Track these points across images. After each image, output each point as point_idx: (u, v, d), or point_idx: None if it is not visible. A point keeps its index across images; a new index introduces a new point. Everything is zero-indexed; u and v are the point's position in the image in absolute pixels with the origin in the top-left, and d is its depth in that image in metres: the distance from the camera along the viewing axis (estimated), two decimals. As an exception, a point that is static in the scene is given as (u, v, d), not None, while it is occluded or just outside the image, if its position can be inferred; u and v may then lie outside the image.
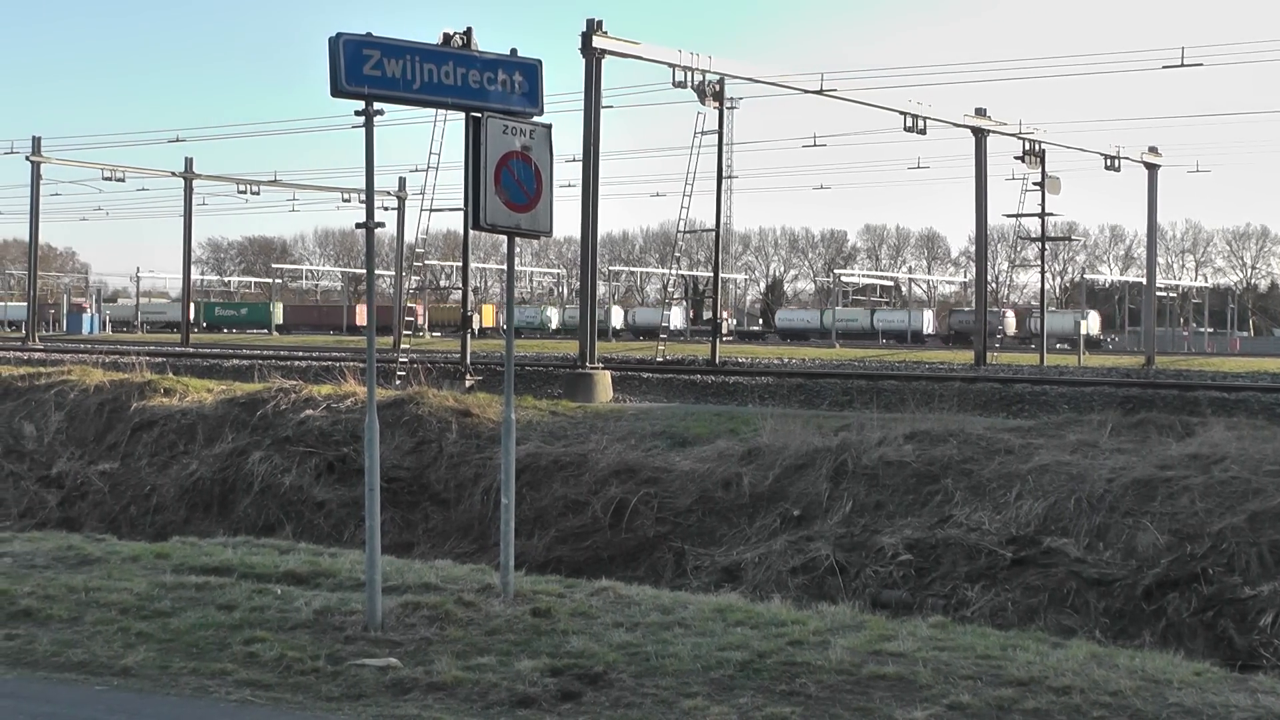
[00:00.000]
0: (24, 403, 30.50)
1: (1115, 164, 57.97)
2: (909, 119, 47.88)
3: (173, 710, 8.82)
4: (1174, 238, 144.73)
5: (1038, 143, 55.03)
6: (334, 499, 24.15)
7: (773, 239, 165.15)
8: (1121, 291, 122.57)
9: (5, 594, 11.89)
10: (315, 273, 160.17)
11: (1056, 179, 57.12)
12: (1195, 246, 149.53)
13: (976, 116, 51.40)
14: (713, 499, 20.74)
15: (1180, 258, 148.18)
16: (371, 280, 11.49)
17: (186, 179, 78.14)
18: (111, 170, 74.87)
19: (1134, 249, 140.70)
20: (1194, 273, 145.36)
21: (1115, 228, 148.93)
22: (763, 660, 9.62)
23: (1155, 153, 60.04)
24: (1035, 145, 55.00)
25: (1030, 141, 54.74)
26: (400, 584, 12.06)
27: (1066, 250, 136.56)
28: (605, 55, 37.10)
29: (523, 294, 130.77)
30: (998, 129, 52.55)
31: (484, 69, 11.44)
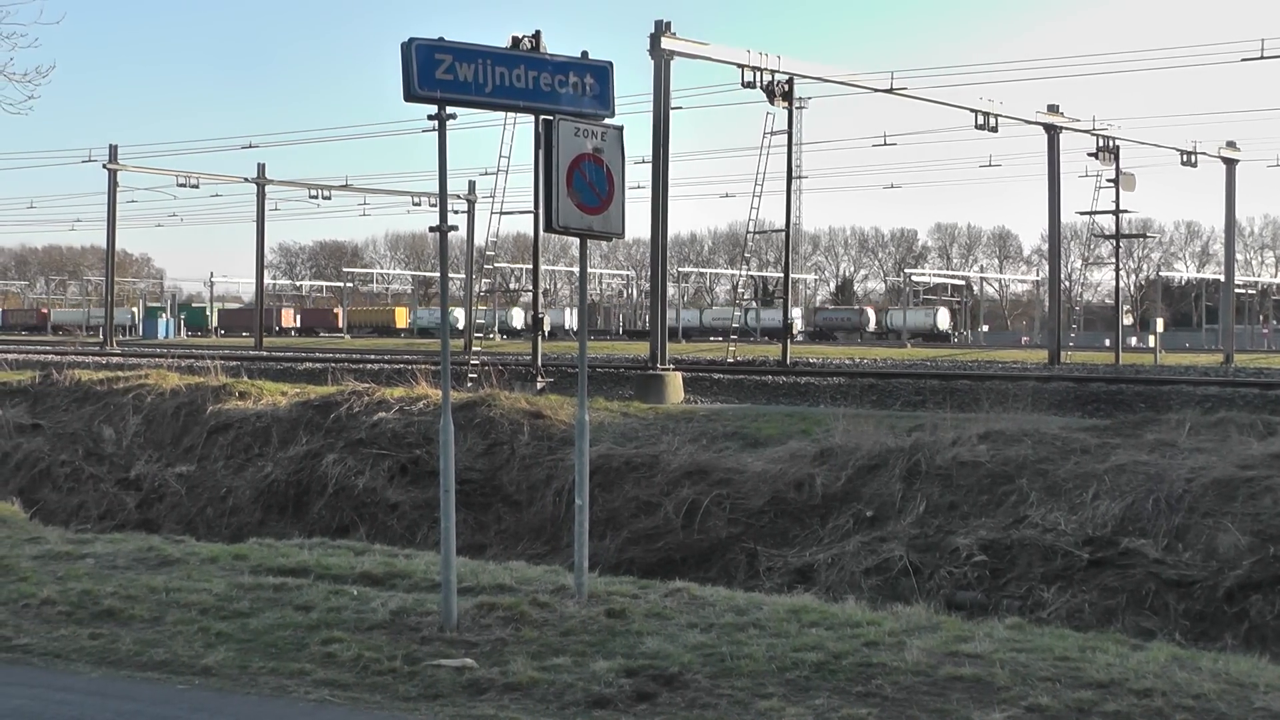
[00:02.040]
0: (103, 406, 30.76)
1: (1192, 159, 57.46)
2: (980, 117, 47.68)
3: (253, 709, 8.89)
4: (1252, 233, 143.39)
5: (1111, 139, 54.62)
6: (407, 501, 24.22)
7: (842, 239, 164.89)
8: (1198, 289, 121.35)
9: (89, 594, 12.03)
10: (386, 276, 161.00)
11: (1131, 175, 56.67)
12: (1275, 242, 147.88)
13: (1049, 113, 51.10)
14: (785, 500, 20.67)
15: (1259, 254, 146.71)
16: (445, 283, 11.53)
17: (259, 184, 78.85)
18: (186, 177, 75.64)
19: (1211, 245, 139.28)
20: (1274, 269, 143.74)
21: (1191, 224, 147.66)
22: (838, 661, 9.58)
23: (1233, 147, 59.46)
24: (1109, 141, 54.58)
25: (1104, 138, 54.34)
26: (475, 585, 12.10)
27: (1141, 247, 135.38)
28: (674, 56, 37.14)
29: (591, 296, 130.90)
30: (1070, 125, 52.22)
31: (555, 72, 11.46)
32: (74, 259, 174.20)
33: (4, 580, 12.93)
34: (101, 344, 69.34)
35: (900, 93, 45.65)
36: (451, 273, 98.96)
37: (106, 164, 70.20)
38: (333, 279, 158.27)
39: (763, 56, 41.09)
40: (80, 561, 13.98)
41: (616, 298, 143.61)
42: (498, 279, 76.43)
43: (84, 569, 13.53)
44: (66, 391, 31.97)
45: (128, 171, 72.31)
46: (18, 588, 12.50)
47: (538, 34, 37.58)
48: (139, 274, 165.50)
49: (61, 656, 10.27)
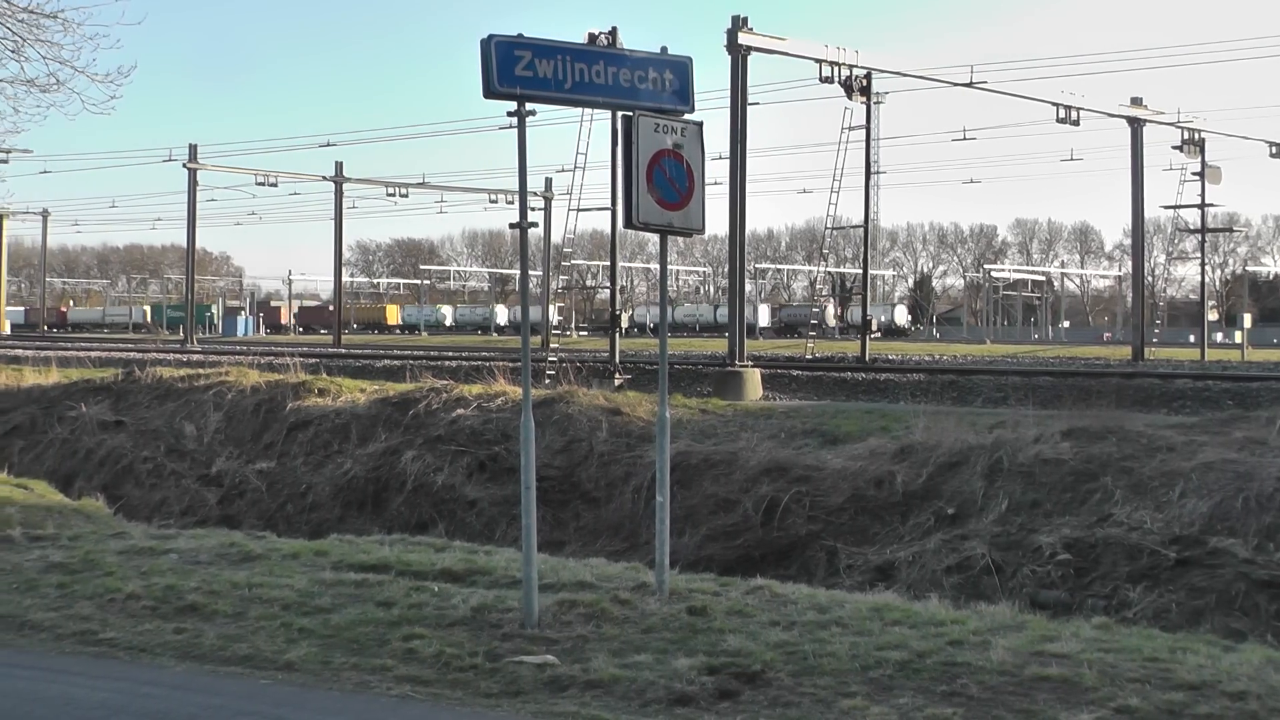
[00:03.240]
0: (184, 403, 31.03)
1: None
2: (1061, 110, 47.27)
3: (335, 705, 8.91)
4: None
5: (1197, 131, 54.01)
6: (485, 497, 24.27)
7: (920, 234, 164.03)
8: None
9: (173, 589, 12.13)
10: (463, 273, 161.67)
11: (1217, 168, 56.00)
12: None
13: (1132, 106, 50.59)
14: (865, 497, 20.55)
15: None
16: (525, 279, 11.54)
17: (337, 183, 79.35)
18: (264, 175, 76.26)
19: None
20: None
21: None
22: (922, 660, 9.50)
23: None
24: (1194, 134, 53.98)
25: (1189, 130, 53.75)
26: (555, 582, 12.09)
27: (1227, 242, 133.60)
28: (751, 52, 37.01)
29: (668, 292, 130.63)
30: (1154, 118, 51.68)
31: (634, 68, 11.43)
32: (154, 257, 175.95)
33: (90, 575, 13.05)
34: (182, 342, 69.99)
35: (980, 86, 45.32)
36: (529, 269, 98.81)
37: (186, 163, 70.82)
38: (410, 276, 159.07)
39: (840, 51, 40.91)
40: (164, 557, 14.10)
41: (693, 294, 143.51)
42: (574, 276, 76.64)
43: (168, 564, 13.64)
44: (148, 389, 32.26)
45: (207, 170, 72.95)
46: (103, 582, 12.62)
47: (614, 30, 37.65)
48: (218, 272, 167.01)
49: (147, 651, 10.35)
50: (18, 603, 12.03)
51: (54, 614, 11.54)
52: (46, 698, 9.03)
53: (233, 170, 76.55)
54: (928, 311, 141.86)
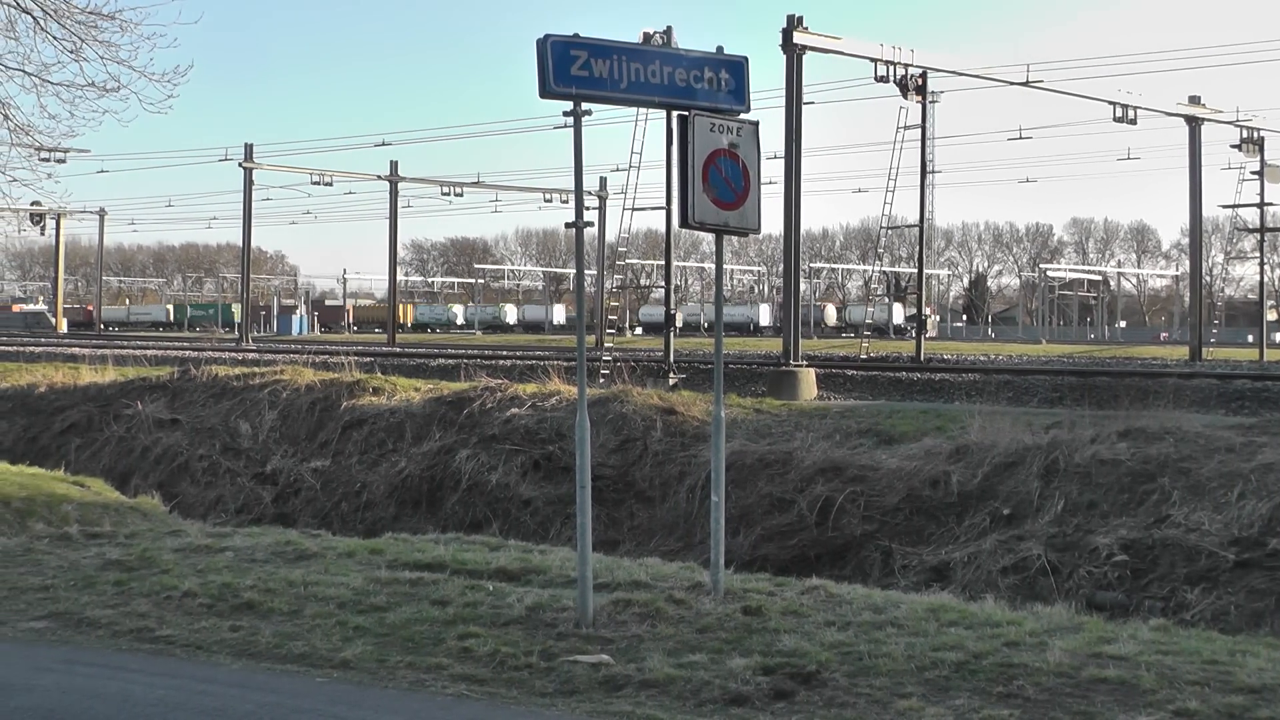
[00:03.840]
0: (239, 402, 31.19)
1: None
2: (1118, 109, 46.95)
3: (391, 703, 8.93)
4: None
5: (1256, 130, 53.58)
6: (540, 496, 24.31)
7: (976, 234, 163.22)
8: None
9: (229, 587, 12.19)
10: (517, 272, 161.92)
11: (1276, 167, 55.56)
12: None
13: (1190, 104, 50.20)
14: (920, 497, 20.49)
15: None
16: (580, 278, 11.52)
17: (391, 182, 79.60)
18: (320, 175, 76.60)
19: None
20: None
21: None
22: (978, 661, 9.44)
23: (1386, 136, 57.96)
24: (1253, 133, 53.55)
25: (1248, 129, 53.33)
26: (610, 581, 12.09)
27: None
28: (806, 51, 36.92)
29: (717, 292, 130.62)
30: (1213, 117, 51.28)
31: (690, 67, 11.40)
32: (210, 256, 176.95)
33: (147, 572, 13.14)
34: (237, 340, 70.28)
35: (1036, 85, 45.06)
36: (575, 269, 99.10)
37: (242, 162, 71.15)
38: (464, 275, 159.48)
39: (895, 50, 40.75)
40: (220, 555, 14.18)
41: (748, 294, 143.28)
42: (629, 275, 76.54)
43: (223, 562, 13.72)
44: (204, 387, 32.46)
45: (263, 170, 73.27)
46: (160, 580, 12.70)
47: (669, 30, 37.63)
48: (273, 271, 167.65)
49: (203, 648, 10.41)
50: (76, 600, 12.13)
51: (112, 611, 11.62)
52: (105, 694, 9.08)
53: (288, 169, 76.90)
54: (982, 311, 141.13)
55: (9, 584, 12.90)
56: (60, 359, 45.01)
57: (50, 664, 9.95)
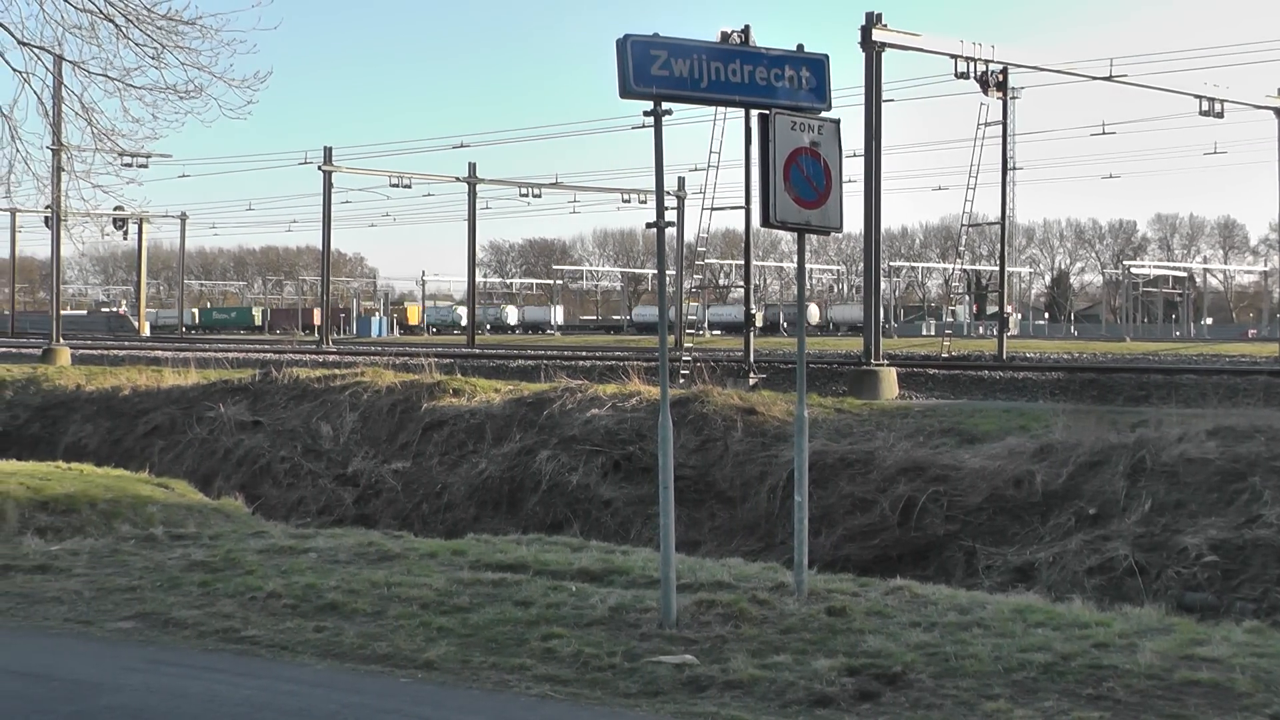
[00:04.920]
0: (320, 404, 31.38)
1: None
2: (1204, 102, 46.33)
3: (474, 703, 8.93)
4: None
5: (1347, 121, 52.70)
6: (620, 497, 24.31)
7: (1057, 231, 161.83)
8: None
9: (313, 588, 12.25)
10: (595, 273, 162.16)
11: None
12: None
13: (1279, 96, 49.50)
14: (1003, 497, 20.32)
15: None
16: (662, 278, 11.48)
17: (470, 183, 79.87)
18: (398, 177, 76.94)
19: None
20: None
21: None
22: (1066, 663, 9.33)
23: None
24: (1346, 125, 52.67)
25: (1339, 120, 52.45)
26: (693, 582, 12.04)
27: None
28: (885, 48, 36.67)
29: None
30: (1303, 109, 50.51)
31: (771, 65, 11.34)
32: (290, 259, 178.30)
33: (231, 573, 13.22)
34: (318, 342, 70.67)
35: (1119, 80, 44.57)
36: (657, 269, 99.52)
37: (321, 166, 71.53)
38: (543, 276, 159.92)
39: (976, 46, 40.43)
40: (303, 556, 14.24)
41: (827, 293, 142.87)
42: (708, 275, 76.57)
43: (307, 563, 13.78)
44: (285, 389, 32.68)
45: (342, 173, 73.63)
46: (244, 581, 12.78)
47: (747, 29, 37.49)
48: (352, 273, 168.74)
49: (288, 649, 10.45)
50: (162, 600, 12.22)
51: (197, 612, 11.70)
52: (191, 694, 9.14)
53: (367, 172, 77.22)
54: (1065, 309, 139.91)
55: (97, 584, 13.03)
56: (143, 362, 45.45)
57: (137, 663, 10.03)
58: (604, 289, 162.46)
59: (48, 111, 21.72)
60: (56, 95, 21.58)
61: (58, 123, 22.28)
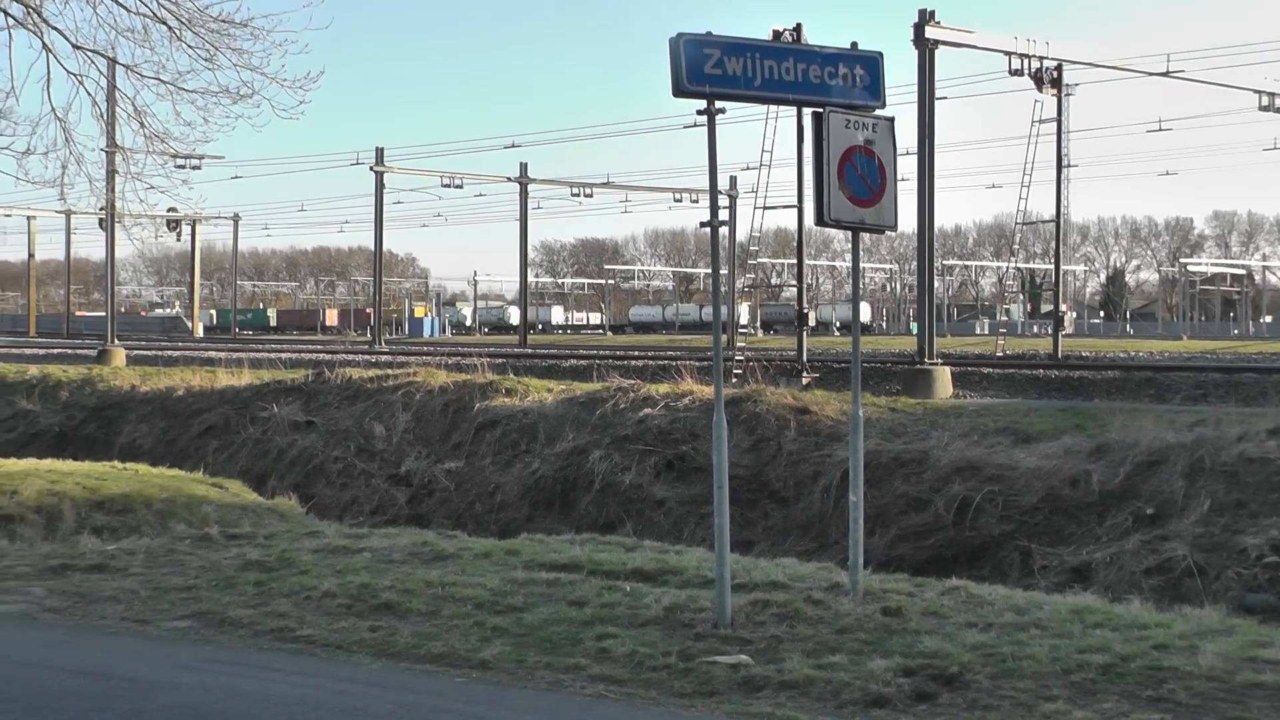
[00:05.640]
0: (373, 404, 31.45)
1: None
2: (1264, 98, 45.93)
3: (529, 703, 8.91)
4: None
5: None
6: (673, 497, 24.27)
7: (1112, 229, 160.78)
8: None
9: (368, 587, 12.26)
10: (646, 273, 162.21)
11: None
12: None
13: (1340, 91, 49.01)
14: (1059, 497, 20.19)
15: None
16: (716, 278, 11.44)
17: (521, 184, 79.99)
18: (450, 177, 77.12)
19: None
20: None
21: None
22: (1126, 664, 9.24)
23: None
24: (1407, 119, 52.15)
25: (1400, 115, 51.92)
26: (747, 581, 12.00)
27: None
28: (938, 45, 36.49)
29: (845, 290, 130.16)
30: (1363, 104, 49.98)
31: (824, 63, 11.29)
32: (342, 259, 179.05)
33: (286, 573, 13.26)
34: (370, 343, 70.82)
35: (1177, 76, 44.22)
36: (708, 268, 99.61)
37: (373, 166, 71.67)
38: (594, 276, 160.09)
39: (1030, 43, 40.20)
40: (357, 555, 14.27)
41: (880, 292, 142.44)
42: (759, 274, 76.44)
43: (361, 563, 13.81)
44: (338, 389, 32.78)
45: (394, 173, 73.77)
46: (299, 580, 12.81)
47: (799, 27, 37.44)
48: (404, 273, 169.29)
49: (342, 648, 10.47)
50: (218, 599, 12.27)
51: (252, 611, 11.74)
52: (247, 693, 9.16)
53: (419, 173, 77.37)
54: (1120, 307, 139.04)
55: (153, 584, 13.09)
56: (197, 362, 45.67)
57: (193, 662, 10.07)
58: (655, 289, 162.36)
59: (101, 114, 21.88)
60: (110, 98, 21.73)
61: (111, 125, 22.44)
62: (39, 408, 37.64)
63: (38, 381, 39.81)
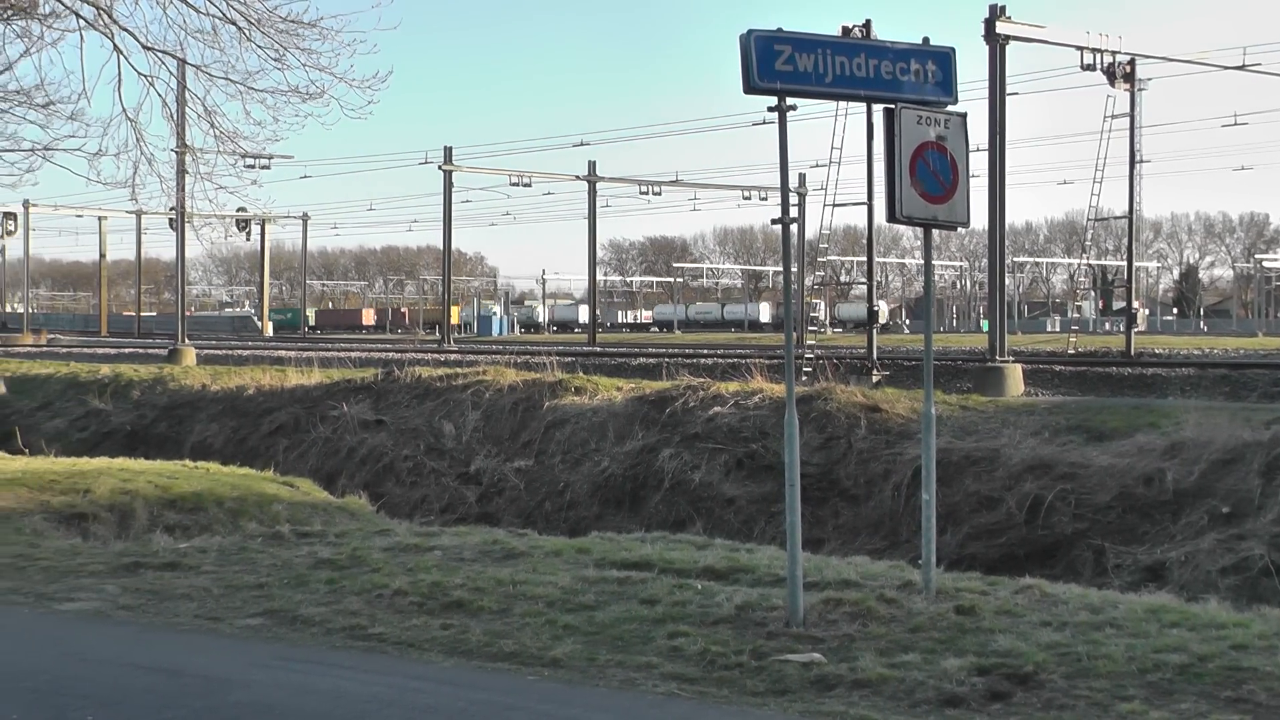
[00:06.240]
0: (443, 403, 31.55)
1: None
2: (1340, 92, 45.38)
3: (601, 701, 8.90)
4: None
5: None
6: (743, 495, 24.22)
7: (1186, 224, 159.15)
8: None
9: (439, 585, 12.29)
10: (715, 271, 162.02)
11: None
12: None
13: None
14: (1132, 495, 20.02)
15: None
16: (788, 275, 11.42)
17: (590, 182, 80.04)
18: (518, 176, 77.26)
19: None
20: None
21: None
22: (1203, 664, 9.13)
23: None
24: None
25: None
26: (819, 580, 11.94)
27: None
28: (1009, 41, 36.24)
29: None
30: None
31: (896, 59, 11.21)
32: (410, 259, 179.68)
33: (358, 571, 13.32)
34: (439, 341, 71.02)
35: (1252, 69, 43.74)
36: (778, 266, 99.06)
37: (442, 165, 71.85)
38: (663, 274, 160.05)
39: (1102, 37, 39.87)
40: (428, 554, 14.31)
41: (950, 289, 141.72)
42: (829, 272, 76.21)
43: (432, 561, 13.84)
44: (407, 388, 32.90)
45: (462, 172, 73.95)
46: (371, 578, 12.86)
47: (868, 23, 37.22)
48: (473, 272, 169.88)
49: (414, 646, 10.49)
50: (290, 598, 12.32)
51: (324, 609, 11.78)
52: (319, 690, 9.20)
53: (487, 171, 77.56)
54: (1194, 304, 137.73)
55: (225, 582, 13.17)
56: (267, 362, 45.97)
57: (265, 660, 10.12)
58: (724, 286, 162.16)
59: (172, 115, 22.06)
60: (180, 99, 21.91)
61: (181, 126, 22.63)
62: (111, 407, 38.01)
63: (110, 381, 40.23)
